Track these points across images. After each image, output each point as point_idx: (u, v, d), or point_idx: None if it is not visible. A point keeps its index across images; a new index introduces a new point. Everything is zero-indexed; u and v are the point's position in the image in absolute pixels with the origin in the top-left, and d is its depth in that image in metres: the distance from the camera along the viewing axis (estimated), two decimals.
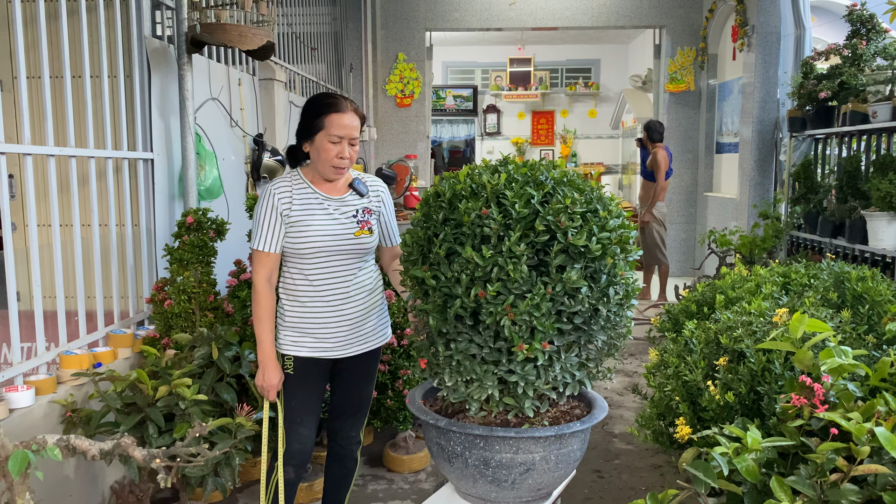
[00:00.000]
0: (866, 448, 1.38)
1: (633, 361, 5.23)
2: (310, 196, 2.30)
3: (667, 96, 8.21)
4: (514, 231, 1.67)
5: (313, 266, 2.28)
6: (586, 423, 1.80)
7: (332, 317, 2.31)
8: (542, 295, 1.65)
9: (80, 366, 2.79)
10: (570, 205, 1.69)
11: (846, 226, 4.90)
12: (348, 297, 2.32)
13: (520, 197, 1.70)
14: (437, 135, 12.15)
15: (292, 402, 2.36)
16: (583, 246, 1.67)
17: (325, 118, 2.24)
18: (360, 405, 2.51)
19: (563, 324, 1.71)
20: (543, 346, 1.68)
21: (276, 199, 2.26)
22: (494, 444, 1.76)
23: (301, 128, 2.32)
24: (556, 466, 1.79)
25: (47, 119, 2.80)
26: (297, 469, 2.40)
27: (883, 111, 4.54)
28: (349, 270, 2.32)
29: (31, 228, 2.71)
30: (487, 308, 1.69)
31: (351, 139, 2.26)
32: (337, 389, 2.48)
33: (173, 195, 3.72)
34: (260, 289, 2.27)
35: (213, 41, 3.51)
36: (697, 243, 8.11)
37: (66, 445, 1.66)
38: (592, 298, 1.70)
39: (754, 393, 2.02)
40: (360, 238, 2.31)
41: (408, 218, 6.72)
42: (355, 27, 7.72)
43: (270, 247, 2.27)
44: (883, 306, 2.41)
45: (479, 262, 1.68)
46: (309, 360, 2.34)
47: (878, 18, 5.16)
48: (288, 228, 2.26)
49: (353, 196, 2.36)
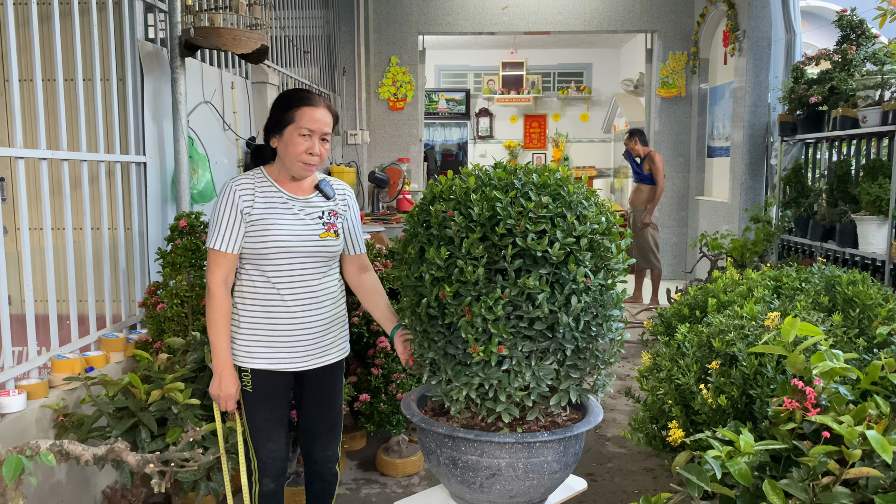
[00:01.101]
0: (858, 451, 1.39)
1: (626, 365, 5.25)
2: (273, 195, 2.17)
3: (658, 100, 8.25)
4: (475, 233, 1.68)
5: (275, 268, 2.14)
6: (556, 434, 1.77)
7: (294, 325, 2.17)
8: (494, 298, 1.66)
9: (72, 370, 2.78)
10: (533, 209, 1.69)
11: (836, 230, 4.93)
12: (312, 305, 2.19)
13: (483, 200, 1.72)
14: (429, 138, 12.15)
15: (255, 420, 2.22)
16: (543, 251, 1.67)
17: (295, 111, 2.13)
18: (332, 425, 2.37)
19: (524, 329, 1.71)
20: (499, 349, 1.68)
21: (237, 195, 2.12)
22: (460, 445, 1.78)
23: (270, 122, 2.19)
24: (526, 475, 1.77)
25: (39, 122, 2.79)
26: (276, 479, 2.29)
27: (872, 116, 4.57)
28: (314, 276, 2.19)
29: (22, 232, 2.70)
30: (449, 309, 1.71)
31: (322, 134, 2.16)
32: (304, 410, 2.33)
33: (166, 199, 3.71)
34: (215, 291, 2.12)
35: (207, 45, 3.51)
36: (689, 247, 8.14)
37: (59, 450, 1.65)
38: (553, 305, 1.69)
39: (746, 396, 2.03)
40: (325, 241, 2.19)
41: (400, 221, 6.73)
42: (348, 31, 7.72)
43: (229, 246, 2.12)
44: (873, 310, 2.43)
45: (439, 263, 1.70)
46: (268, 374, 2.18)
47: (867, 24, 5.20)
48: (249, 227, 2.12)
49: (319, 198, 2.24)
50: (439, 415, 1.97)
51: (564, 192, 1.76)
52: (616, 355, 1.87)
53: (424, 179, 8.66)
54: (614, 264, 1.78)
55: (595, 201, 1.83)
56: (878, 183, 4.39)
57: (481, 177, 1.82)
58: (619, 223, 1.86)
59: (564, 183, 1.79)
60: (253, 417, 2.21)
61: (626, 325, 1.96)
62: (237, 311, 2.19)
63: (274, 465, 2.27)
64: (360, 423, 3.49)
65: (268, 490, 2.28)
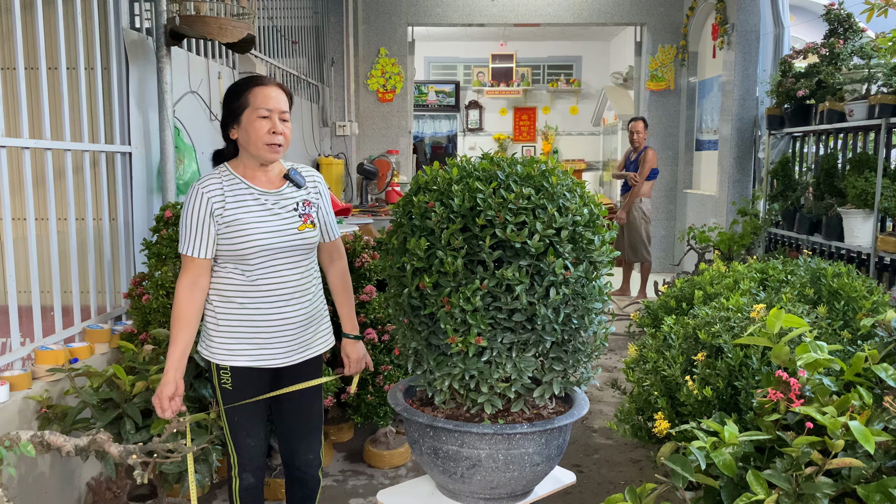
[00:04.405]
0: (840, 442, 1.40)
1: (613, 357, 5.26)
2: (243, 191, 2.09)
3: (647, 94, 8.26)
4: (455, 224, 1.68)
5: (255, 267, 2.07)
6: (536, 426, 1.77)
7: (275, 320, 2.11)
8: (472, 289, 1.65)
9: (56, 361, 2.75)
10: (513, 200, 1.68)
11: (823, 223, 4.95)
12: (294, 299, 2.13)
13: (465, 191, 1.71)
14: (419, 130, 12.13)
15: (235, 417, 2.17)
16: (522, 242, 1.66)
17: (247, 94, 2.06)
18: (312, 425, 2.31)
19: (503, 321, 1.70)
20: (478, 340, 1.67)
21: (205, 198, 2.04)
22: (441, 435, 1.79)
23: (225, 113, 2.11)
24: (507, 467, 1.78)
25: (22, 111, 2.75)
26: (256, 472, 2.27)
27: (859, 110, 4.59)
28: (295, 269, 2.13)
29: (5, 222, 2.66)
30: (430, 299, 1.71)
31: (280, 113, 2.07)
32: (283, 411, 2.28)
33: (151, 189, 3.68)
34: (178, 295, 2.06)
35: (193, 33, 3.47)
36: (677, 240, 8.17)
37: (40, 441, 1.63)
38: (532, 297, 1.69)
39: (732, 388, 2.04)
40: (304, 233, 2.12)
41: (388, 213, 6.71)
42: (337, 21, 7.68)
43: (200, 252, 2.05)
44: (858, 302, 2.44)
45: (419, 253, 1.70)
46: (248, 371, 2.13)
47: (855, 18, 5.22)
48: (222, 229, 2.05)
49: (291, 188, 2.16)
50: (426, 406, 1.97)
51: (548, 184, 1.76)
52: (600, 348, 1.87)
53: (413, 172, 8.64)
54: (597, 256, 1.77)
55: (579, 193, 1.82)
56: (864, 176, 4.42)
57: (465, 168, 1.81)
58: (605, 215, 1.86)
59: (549, 174, 1.78)
60: (232, 414, 2.17)
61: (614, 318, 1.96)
62: (215, 309, 2.13)
63: (254, 461, 2.24)
64: (347, 414, 3.48)
65: (248, 484, 2.26)
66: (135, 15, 3.71)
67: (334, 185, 7.10)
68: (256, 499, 2.30)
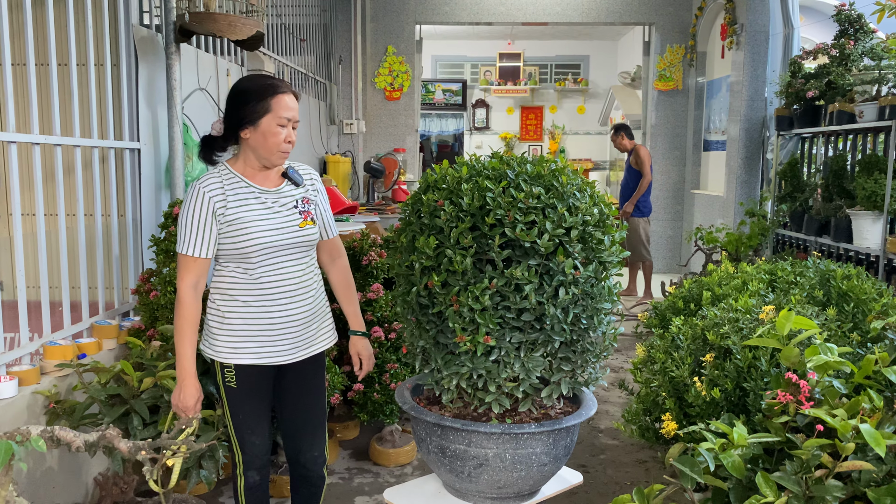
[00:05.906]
0: (851, 445, 1.39)
1: (620, 357, 5.26)
2: (244, 190, 2.09)
3: (655, 94, 8.24)
4: (464, 223, 1.68)
5: (257, 265, 2.08)
6: (544, 426, 1.76)
7: (279, 317, 2.12)
8: (481, 288, 1.65)
9: (64, 357, 2.76)
10: (522, 199, 1.68)
11: (832, 224, 4.94)
12: (296, 295, 2.14)
13: (475, 190, 1.71)
14: (425, 129, 12.13)
15: (240, 416, 2.17)
16: (532, 242, 1.66)
17: (271, 100, 2.05)
18: (317, 422, 2.31)
19: (512, 320, 1.70)
20: (486, 339, 1.67)
21: (206, 197, 2.04)
22: (448, 434, 1.79)
23: (242, 112, 2.06)
24: (514, 466, 1.77)
25: (32, 107, 2.76)
26: (261, 471, 2.27)
27: (869, 111, 4.57)
28: (297, 266, 2.15)
29: (15, 217, 2.67)
30: (438, 298, 1.71)
31: (295, 122, 2.11)
32: (287, 408, 2.28)
33: (160, 185, 3.69)
34: (183, 297, 2.05)
35: (202, 30, 3.48)
36: (684, 240, 8.15)
37: (50, 437, 1.64)
38: (541, 296, 1.68)
39: (740, 389, 2.03)
40: (304, 230, 2.14)
41: (395, 211, 6.72)
42: (345, 19, 7.68)
43: (201, 251, 2.04)
44: (867, 304, 2.43)
45: (428, 252, 1.70)
46: (252, 369, 2.14)
47: (865, 19, 5.19)
48: (224, 228, 2.05)
49: (290, 186, 2.18)
50: (433, 404, 1.97)
51: (558, 184, 1.75)
52: (609, 349, 1.86)
53: (420, 170, 8.64)
54: (607, 256, 1.76)
55: (589, 193, 1.82)
56: (874, 178, 4.40)
57: (475, 166, 1.81)
58: (615, 215, 1.85)
59: (559, 174, 1.78)
60: (237, 412, 2.17)
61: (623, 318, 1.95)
62: (219, 308, 2.14)
63: (258, 459, 2.24)
64: (353, 412, 3.49)
65: (253, 482, 2.25)
66: (144, 11, 3.72)
67: (341, 183, 7.11)
68: (262, 496, 2.30)
